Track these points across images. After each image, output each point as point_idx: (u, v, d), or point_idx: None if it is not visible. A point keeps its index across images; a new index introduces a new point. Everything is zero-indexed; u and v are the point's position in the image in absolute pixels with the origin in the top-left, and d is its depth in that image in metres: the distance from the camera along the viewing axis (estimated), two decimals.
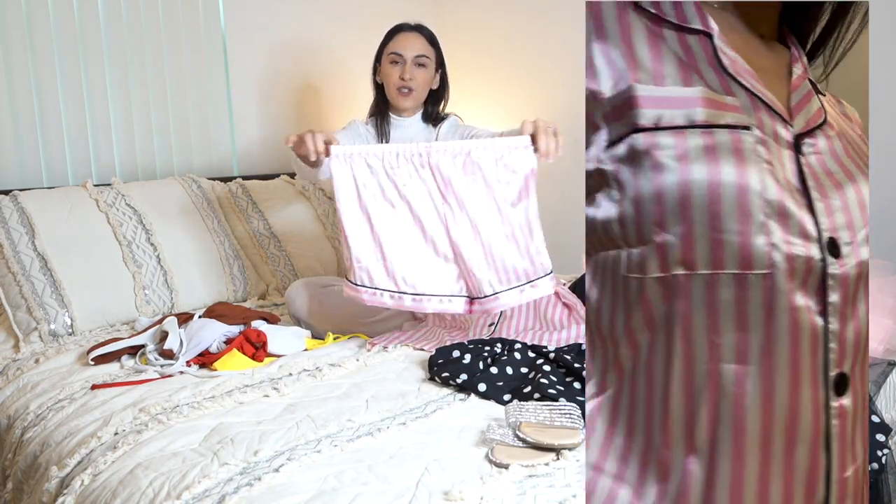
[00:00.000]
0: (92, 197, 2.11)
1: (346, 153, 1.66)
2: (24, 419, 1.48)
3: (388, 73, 2.03)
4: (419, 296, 1.68)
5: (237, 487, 1.04)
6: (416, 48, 2.02)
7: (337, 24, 2.89)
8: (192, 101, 2.53)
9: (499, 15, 2.96)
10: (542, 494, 1.00)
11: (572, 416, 1.21)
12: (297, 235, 2.41)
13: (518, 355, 1.51)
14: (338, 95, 2.90)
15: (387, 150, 1.68)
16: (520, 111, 2.93)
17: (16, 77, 2.19)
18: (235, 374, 1.53)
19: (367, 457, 1.13)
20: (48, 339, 1.84)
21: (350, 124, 2.08)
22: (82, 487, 1.17)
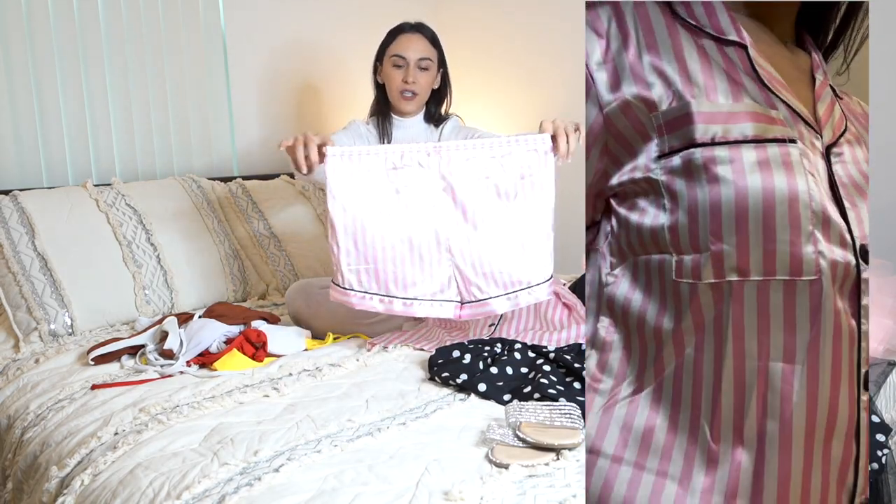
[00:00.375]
0: (92, 197, 2.11)
1: (342, 153, 1.63)
2: (24, 419, 1.48)
3: (390, 76, 2.02)
4: (410, 300, 1.65)
5: (237, 487, 1.05)
6: (419, 50, 2.01)
7: (337, 24, 2.89)
8: (192, 101, 2.53)
9: (499, 14, 2.96)
10: (542, 494, 1.00)
11: (572, 416, 1.21)
12: (297, 235, 2.41)
13: (518, 355, 1.51)
14: (338, 95, 2.90)
15: (390, 149, 1.66)
16: (520, 111, 2.93)
17: (16, 77, 2.19)
18: (235, 374, 1.53)
19: (367, 457, 1.13)
20: (48, 339, 1.84)
21: (350, 124, 2.08)
22: (82, 487, 1.17)
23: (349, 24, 2.90)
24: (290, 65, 2.79)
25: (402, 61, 2.00)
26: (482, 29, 3.00)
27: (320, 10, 2.85)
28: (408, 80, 2.00)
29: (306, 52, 2.83)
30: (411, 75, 2.00)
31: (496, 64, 2.97)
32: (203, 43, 2.53)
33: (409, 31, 2.04)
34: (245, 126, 2.70)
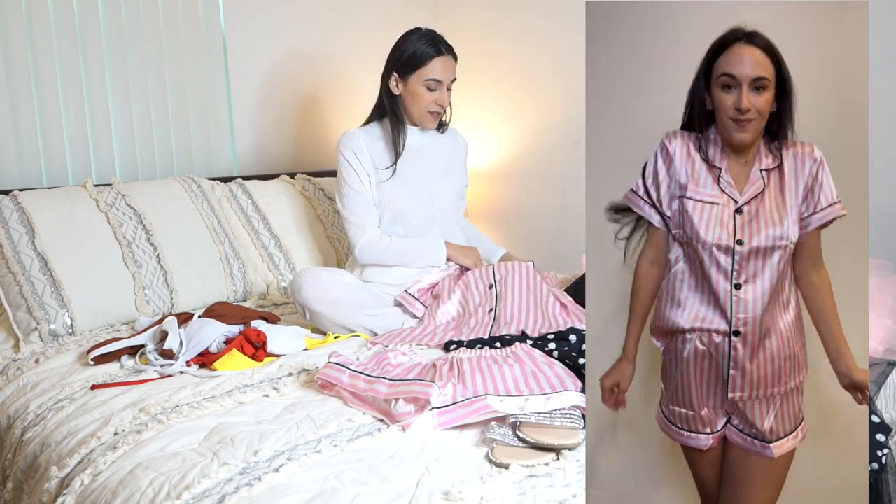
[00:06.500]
0: (92, 197, 2.11)
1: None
2: (24, 419, 1.48)
3: (421, 96, 2.04)
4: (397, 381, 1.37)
5: (237, 487, 1.04)
6: (452, 73, 2.07)
7: (336, 25, 2.89)
8: (192, 102, 2.53)
9: (498, 19, 2.96)
10: (542, 494, 1.00)
11: (572, 416, 1.21)
12: (297, 235, 2.41)
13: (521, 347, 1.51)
14: (337, 96, 2.90)
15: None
16: (518, 114, 2.93)
17: (16, 77, 2.19)
18: (235, 374, 1.53)
19: (367, 457, 1.13)
20: (48, 339, 1.84)
21: (356, 146, 2.07)
22: (82, 487, 1.17)
23: (349, 24, 2.90)
24: (289, 65, 2.79)
25: (438, 85, 2.04)
26: (482, 33, 3.00)
27: (320, 12, 2.85)
28: (443, 103, 2.06)
29: (306, 52, 2.83)
30: (445, 99, 2.06)
31: (496, 67, 2.97)
32: (203, 43, 2.53)
33: (446, 53, 2.05)
34: (245, 126, 2.69)
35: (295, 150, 2.83)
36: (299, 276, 1.91)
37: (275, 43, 2.74)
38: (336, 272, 1.99)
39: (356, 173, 2.06)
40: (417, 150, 2.11)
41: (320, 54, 2.86)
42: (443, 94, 2.05)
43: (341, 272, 2.01)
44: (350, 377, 1.37)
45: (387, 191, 2.06)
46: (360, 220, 2.06)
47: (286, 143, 2.81)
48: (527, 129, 2.92)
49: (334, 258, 2.42)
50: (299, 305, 1.90)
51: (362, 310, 1.88)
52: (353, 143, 2.07)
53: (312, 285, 1.88)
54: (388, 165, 2.07)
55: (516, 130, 2.95)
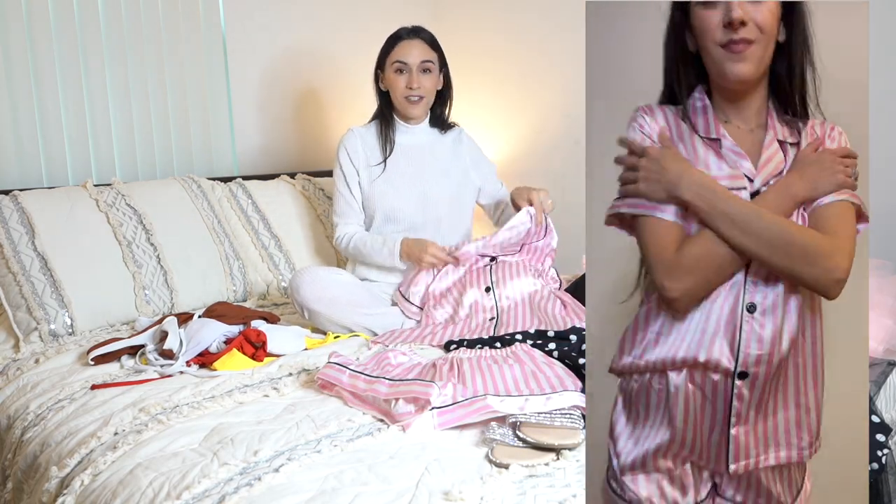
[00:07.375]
0: (92, 197, 2.10)
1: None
2: (24, 419, 1.48)
3: (394, 82, 2.04)
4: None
5: (237, 487, 1.04)
6: (420, 54, 2.03)
7: (336, 25, 2.89)
8: (193, 102, 2.53)
9: (498, 18, 2.96)
10: (542, 494, 1.00)
11: (572, 416, 1.21)
12: (298, 235, 2.41)
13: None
14: (337, 96, 2.90)
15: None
16: (519, 113, 2.93)
17: (16, 77, 2.19)
18: (235, 374, 1.53)
19: (367, 457, 1.13)
20: (48, 339, 1.84)
21: (350, 145, 2.08)
22: (82, 487, 1.17)
23: (348, 25, 2.90)
24: (289, 65, 2.79)
25: (404, 66, 2.02)
26: (481, 33, 3.00)
27: (320, 12, 2.85)
28: (412, 85, 2.03)
29: (306, 53, 2.83)
30: (415, 80, 2.02)
31: (496, 67, 2.97)
32: (203, 43, 2.53)
33: (407, 36, 2.05)
34: (245, 126, 2.69)
35: (295, 150, 2.83)
36: (298, 276, 1.92)
37: (275, 43, 2.74)
38: (334, 271, 2.00)
39: (343, 175, 2.10)
40: (413, 149, 2.11)
41: (320, 54, 2.86)
42: (412, 76, 2.02)
43: (340, 271, 2.01)
44: (350, 377, 1.37)
45: (378, 187, 2.07)
46: (337, 218, 2.13)
47: (286, 143, 2.81)
48: (527, 129, 2.92)
49: (334, 258, 2.42)
50: (298, 304, 1.89)
51: (360, 309, 1.88)
52: (349, 143, 2.09)
53: (311, 284, 1.88)
54: (379, 162, 2.07)
55: (516, 130, 2.95)
